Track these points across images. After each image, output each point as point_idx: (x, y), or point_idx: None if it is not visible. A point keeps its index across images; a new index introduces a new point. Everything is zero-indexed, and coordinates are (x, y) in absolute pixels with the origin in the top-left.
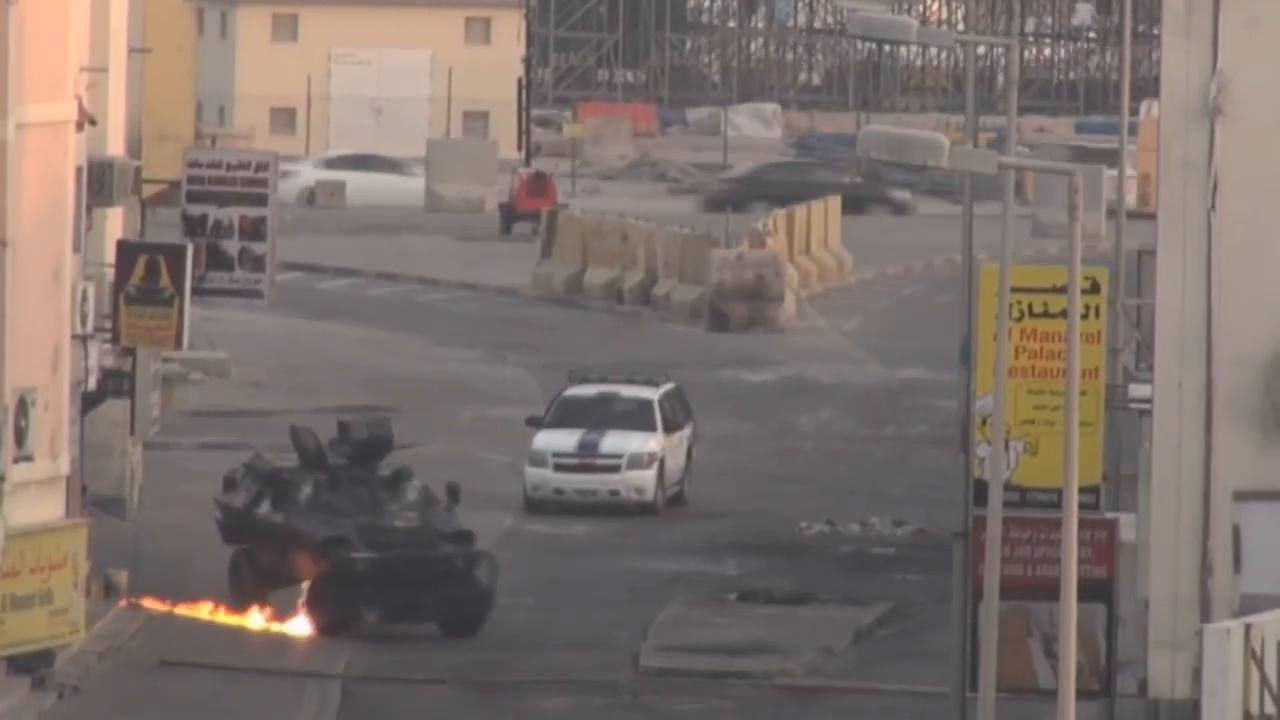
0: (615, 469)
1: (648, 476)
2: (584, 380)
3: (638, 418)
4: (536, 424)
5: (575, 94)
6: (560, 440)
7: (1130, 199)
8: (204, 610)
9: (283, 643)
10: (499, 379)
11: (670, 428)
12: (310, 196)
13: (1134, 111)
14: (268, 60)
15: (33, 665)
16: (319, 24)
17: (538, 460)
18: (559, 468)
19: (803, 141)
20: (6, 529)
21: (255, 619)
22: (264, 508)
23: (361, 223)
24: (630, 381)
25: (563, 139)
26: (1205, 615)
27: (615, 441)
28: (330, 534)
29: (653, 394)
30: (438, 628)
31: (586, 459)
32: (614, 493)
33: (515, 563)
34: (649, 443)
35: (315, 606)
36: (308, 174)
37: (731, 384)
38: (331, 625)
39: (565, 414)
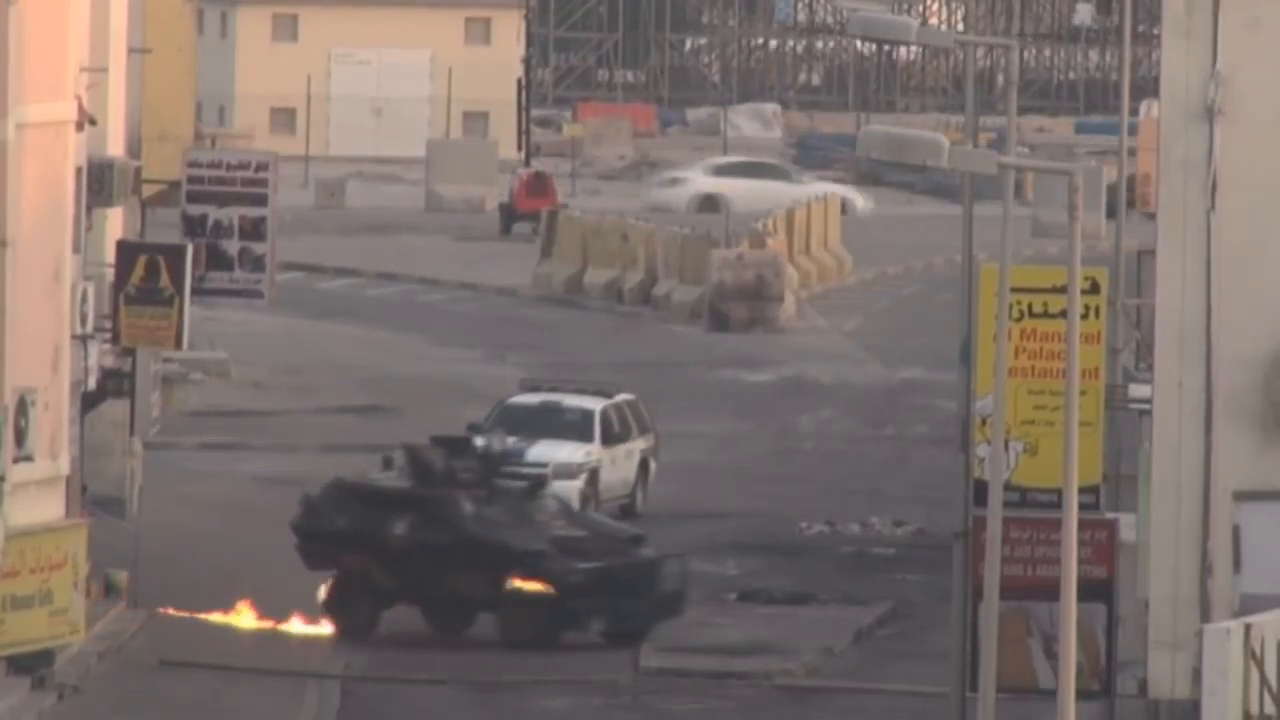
0: (540, 479)
1: (572, 488)
2: (534, 389)
3: (576, 428)
4: (476, 430)
5: (575, 94)
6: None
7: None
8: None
9: (282, 642)
10: (499, 379)
11: (612, 440)
12: (702, 204)
13: (1134, 111)
14: (268, 60)
15: (33, 665)
16: (319, 24)
17: None
18: None
19: (802, 141)
20: (6, 529)
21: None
22: (401, 527)
23: (361, 223)
24: (581, 391)
25: (563, 139)
26: (1205, 615)
27: (542, 451)
28: (532, 547)
29: (596, 405)
30: (633, 630)
31: (510, 467)
32: None
33: None
34: (579, 453)
35: (527, 622)
36: (700, 182)
37: (731, 384)
38: (541, 639)
39: (505, 421)
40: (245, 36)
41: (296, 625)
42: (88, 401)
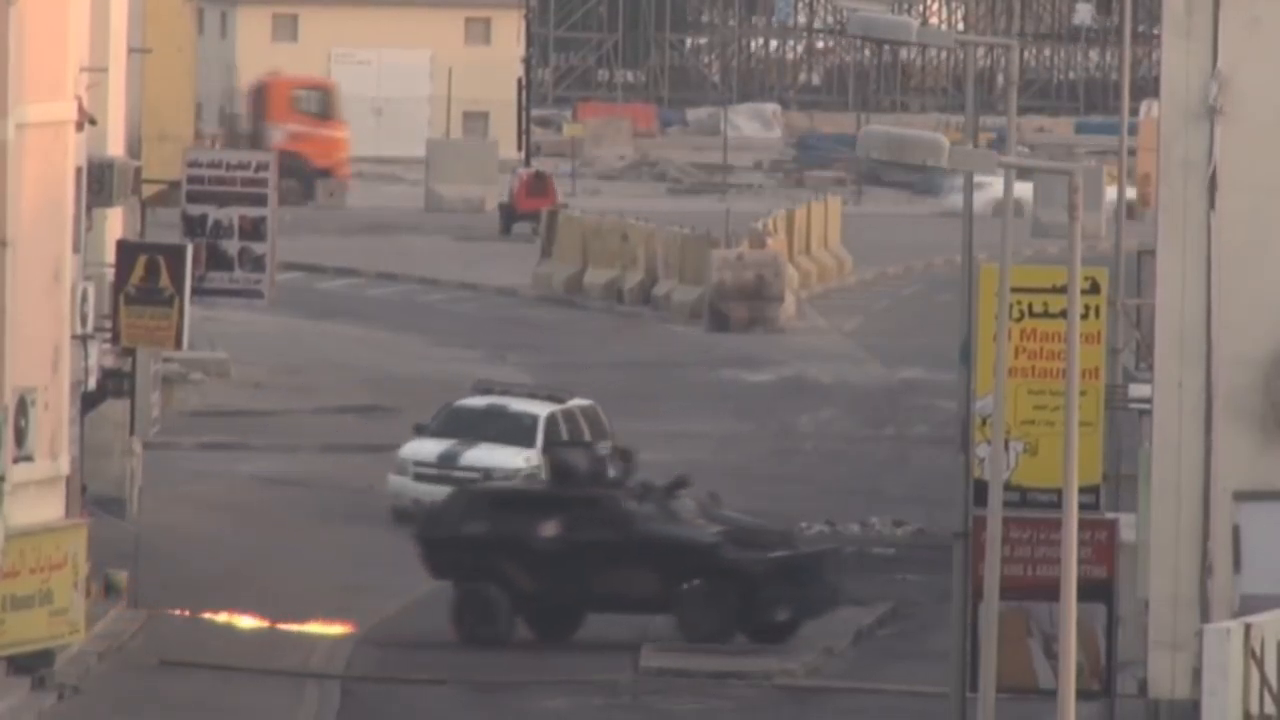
0: (474, 483)
1: None
2: (486, 391)
3: (520, 433)
4: (422, 431)
5: (575, 94)
6: (424, 449)
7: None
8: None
9: (282, 642)
10: (499, 379)
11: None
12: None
13: (1134, 111)
14: (268, 60)
15: (33, 665)
16: (319, 24)
17: (400, 468)
18: (418, 477)
19: (802, 141)
20: (6, 529)
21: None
22: (551, 529)
23: (361, 223)
24: (531, 396)
25: (563, 139)
26: (1205, 615)
27: (479, 455)
28: (710, 540)
29: (542, 410)
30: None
31: (445, 470)
32: None
33: None
34: (517, 459)
35: (714, 616)
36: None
37: (731, 384)
38: (726, 633)
39: (450, 423)
40: (245, 36)
41: (299, 626)
42: (88, 401)
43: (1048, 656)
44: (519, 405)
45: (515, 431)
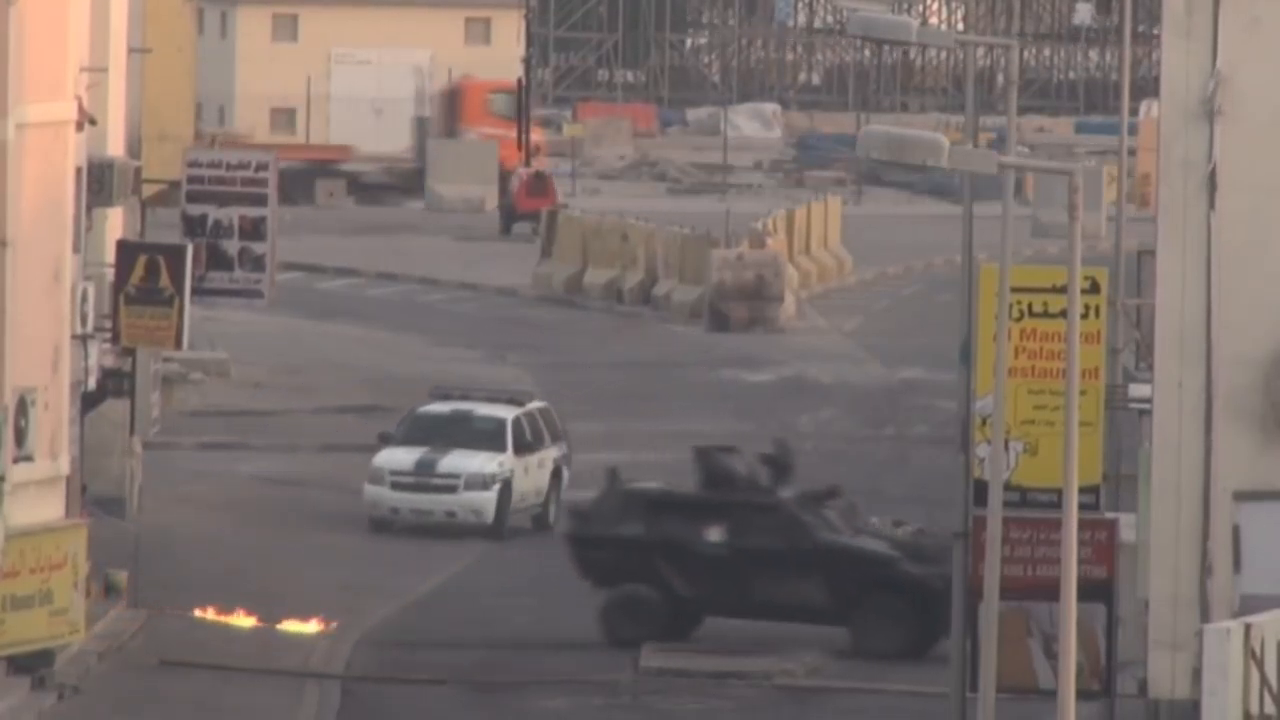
0: (452, 489)
1: (487, 498)
2: (445, 397)
3: (488, 437)
4: (387, 440)
5: (575, 94)
6: (399, 458)
7: None
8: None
9: (282, 642)
10: (499, 379)
11: (524, 449)
12: None
13: (1134, 111)
14: (268, 60)
15: (33, 665)
16: (319, 24)
17: (376, 478)
18: (395, 486)
19: (802, 141)
20: (6, 529)
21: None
22: (717, 534)
23: (361, 223)
24: (492, 400)
25: (563, 139)
26: (1205, 615)
27: (455, 461)
28: (886, 552)
29: (508, 414)
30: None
31: (423, 478)
32: (450, 514)
33: (515, 563)
34: (491, 464)
35: (894, 631)
36: None
37: (731, 384)
38: (908, 650)
39: (415, 431)
40: (245, 36)
41: (292, 625)
42: (88, 401)
43: (1048, 656)
44: (484, 410)
45: (485, 436)
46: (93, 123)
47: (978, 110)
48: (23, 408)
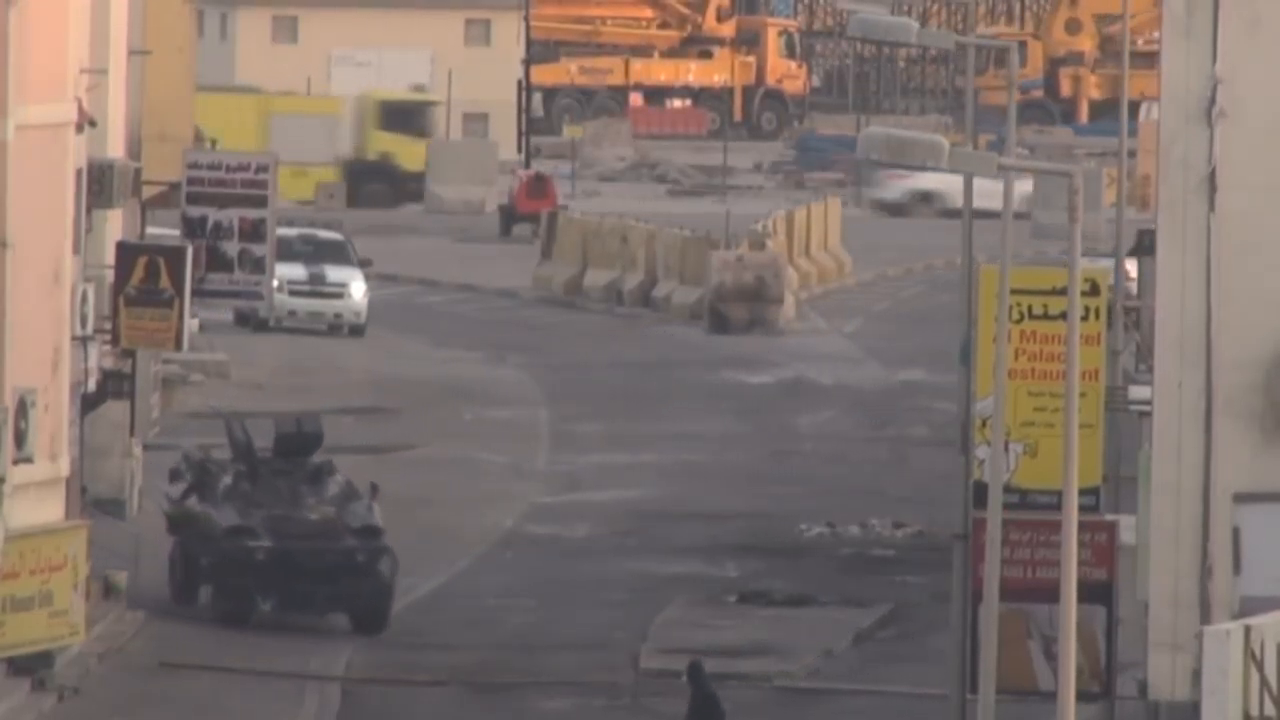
0: (340, 295)
1: (364, 304)
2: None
3: (336, 254)
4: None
5: None
6: (291, 271)
7: None
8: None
9: (282, 644)
10: (499, 380)
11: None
12: None
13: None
14: (268, 61)
15: (32, 667)
16: (319, 25)
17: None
18: (293, 293)
19: (802, 142)
20: (6, 530)
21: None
22: (192, 499)
23: (361, 223)
24: (312, 225)
25: (562, 141)
26: (1205, 617)
27: (336, 273)
28: (235, 523)
29: (340, 235)
30: (349, 621)
31: (317, 286)
32: (338, 315)
33: (515, 564)
34: (358, 276)
35: (216, 594)
36: None
37: (731, 385)
38: (231, 614)
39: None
40: (245, 37)
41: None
42: (88, 403)
43: (1048, 658)
44: (325, 235)
45: (331, 252)
46: (93, 124)
47: (977, 112)
48: (23, 409)
